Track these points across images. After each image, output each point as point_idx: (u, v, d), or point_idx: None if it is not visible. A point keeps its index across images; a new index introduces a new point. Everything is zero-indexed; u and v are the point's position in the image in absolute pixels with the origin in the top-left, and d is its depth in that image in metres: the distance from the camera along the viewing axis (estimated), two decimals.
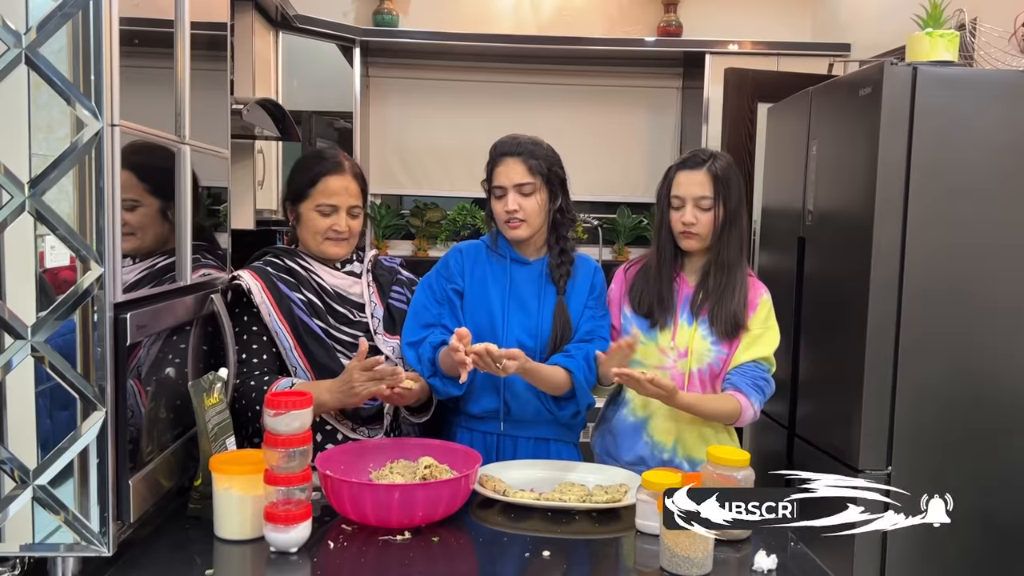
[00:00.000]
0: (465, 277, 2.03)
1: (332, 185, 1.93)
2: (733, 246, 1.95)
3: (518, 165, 1.95)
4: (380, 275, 2.07)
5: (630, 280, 2.05)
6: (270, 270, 1.93)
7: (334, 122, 4.23)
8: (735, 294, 1.94)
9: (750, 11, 4.37)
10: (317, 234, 1.94)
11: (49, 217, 1.27)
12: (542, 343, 1.98)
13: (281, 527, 1.43)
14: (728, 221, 1.94)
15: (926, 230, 2.35)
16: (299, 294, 1.91)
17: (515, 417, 1.98)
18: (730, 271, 1.95)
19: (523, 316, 1.99)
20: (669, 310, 1.97)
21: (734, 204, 1.94)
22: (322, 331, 1.90)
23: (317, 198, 1.93)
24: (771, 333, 1.97)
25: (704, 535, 1.37)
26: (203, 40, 1.70)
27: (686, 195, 1.94)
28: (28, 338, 1.27)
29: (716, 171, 1.93)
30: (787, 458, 2.88)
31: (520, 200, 1.95)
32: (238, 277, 1.88)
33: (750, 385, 1.93)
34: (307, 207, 1.94)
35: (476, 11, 4.37)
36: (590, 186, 4.36)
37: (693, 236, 1.95)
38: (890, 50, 3.34)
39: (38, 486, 1.29)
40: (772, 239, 3.17)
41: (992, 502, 2.40)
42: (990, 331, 2.38)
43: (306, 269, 1.96)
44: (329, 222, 1.93)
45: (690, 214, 1.94)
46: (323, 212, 1.93)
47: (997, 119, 2.35)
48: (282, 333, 1.87)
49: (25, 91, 1.26)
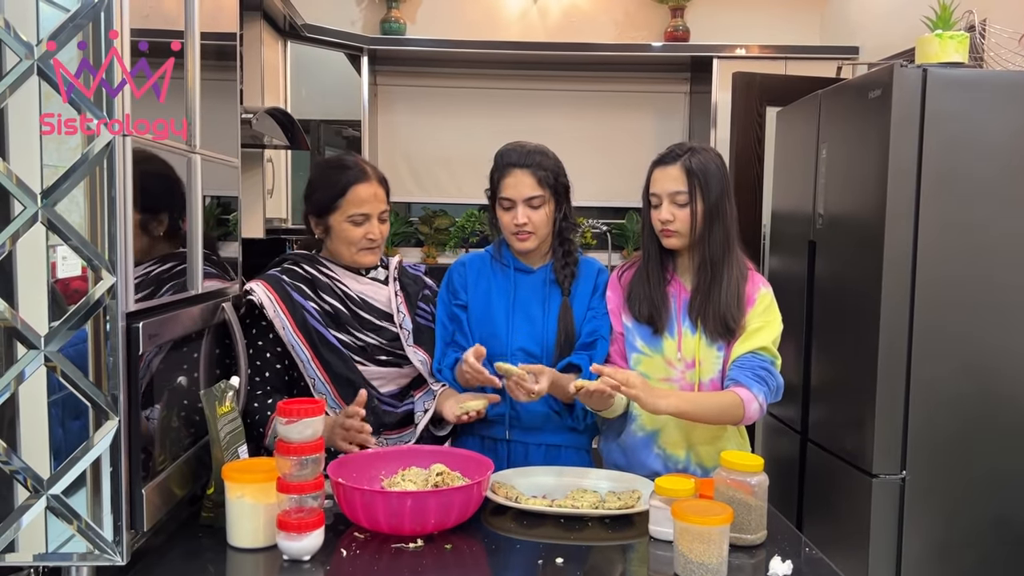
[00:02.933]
0: (468, 290, 2.03)
1: (361, 193, 1.90)
2: (717, 242, 1.86)
3: (527, 177, 1.93)
4: (407, 284, 2.06)
5: (626, 286, 1.98)
6: (285, 279, 1.91)
7: (342, 130, 4.24)
8: (723, 293, 1.85)
9: (757, 15, 4.37)
10: (352, 244, 1.92)
11: (61, 227, 1.27)
12: (547, 350, 1.98)
13: (294, 535, 1.43)
14: (709, 216, 1.84)
15: (938, 233, 2.33)
16: (314, 303, 1.90)
17: (525, 423, 1.98)
18: (715, 268, 1.86)
19: (528, 325, 1.99)
20: (666, 314, 1.90)
21: (714, 198, 1.84)
22: (339, 342, 1.89)
23: (348, 209, 1.89)
24: (770, 326, 1.88)
25: (719, 540, 1.36)
26: (212, 50, 1.70)
27: (661, 191, 1.87)
28: (41, 348, 1.27)
29: (690, 165, 1.84)
30: (800, 463, 2.87)
31: (529, 213, 1.93)
32: (251, 291, 1.87)
33: (750, 376, 1.81)
34: (338, 219, 1.90)
35: (483, 18, 4.38)
36: (599, 192, 4.36)
37: (672, 234, 1.87)
38: (899, 52, 3.34)
39: (52, 495, 1.29)
40: (782, 243, 3.16)
41: (1009, 508, 2.38)
42: (1003, 334, 2.36)
43: (329, 276, 1.94)
44: (363, 231, 1.91)
45: (666, 211, 1.86)
46: (356, 222, 1.90)
47: (1008, 120, 2.33)
48: (298, 346, 1.86)
49: (36, 102, 1.27)
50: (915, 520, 2.37)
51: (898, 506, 2.37)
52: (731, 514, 1.41)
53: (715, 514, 1.39)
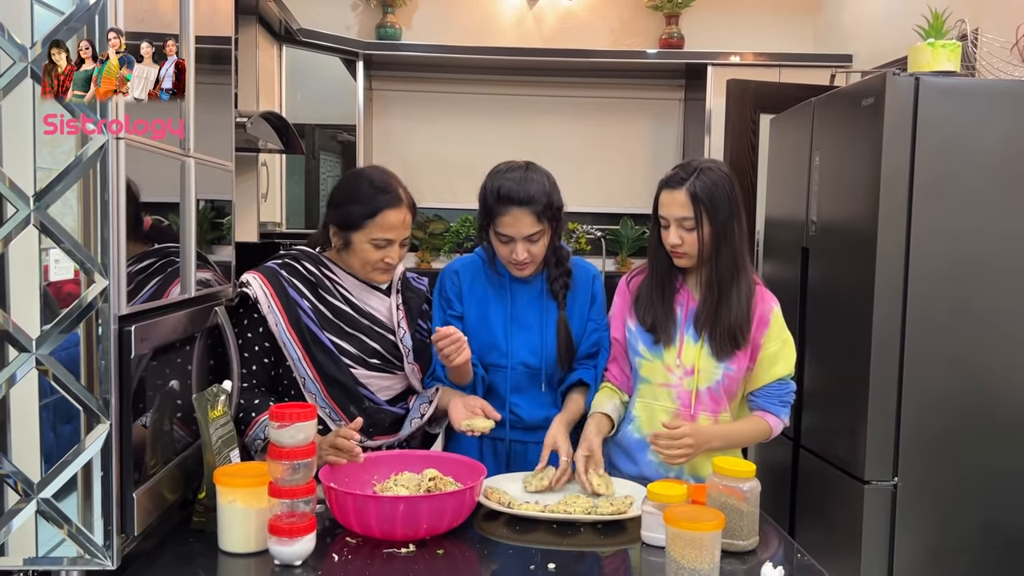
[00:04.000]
0: (463, 300, 2.01)
1: (390, 219, 1.85)
2: (724, 263, 1.87)
3: (526, 216, 1.88)
4: (409, 298, 2.02)
5: (634, 291, 2.00)
6: (283, 273, 1.89)
7: (337, 135, 4.25)
8: (732, 311, 1.87)
9: (751, 23, 4.39)
10: (367, 264, 1.89)
11: (54, 230, 1.27)
12: (547, 362, 1.99)
13: (285, 540, 1.43)
14: (716, 239, 1.85)
15: (930, 240, 2.34)
16: (309, 301, 1.88)
17: (527, 423, 1.98)
18: (723, 288, 1.88)
19: (526, 335, 1.99)
20: (671, 328, 1.93)
21: (722, 220, 1.84)
22: (332, 343, 1.87)
23: (373, 231, 1.85)
24: (788, 347, 1.94)
25: (711, 546, 1.36)
26: (207, 54, 1.70)
27: (669, 216, 1.87)
28: (33, 351, 1.27)
29: (695, 190, 1.82)
30: (793, 470, 2.87)
31: (529, 247, 1.91)
32: (246, 284, 1.86)
33: (777, 404, 1.92)
34: (360, 238, 1.86)
35: (479, 24, 4.39)
36: (593, 197, 4.37)
37: (682, 255, 1.89)
38: (892, 61, 3.36)
39: (42, 499, 1.29)
40: (776, 249, 3.17)
41: (999, 513, 2.39)
42: (996, 341, 2.38)
43: (331, 279, 1.92)
44: (382, 254, 1.87)
45: (675, 235, 1.86)
46: (378, 245, 1.86)
47: (1000, 128, 2.35)
48: (290, 344, 1.85)
49: (30, 104, 1.26)
50: (907, 526, 2.38)
51: (890, 512, 2.37)
52: (723, 520, 1.41)
53: (707, 520, 1.39)
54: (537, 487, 1.79)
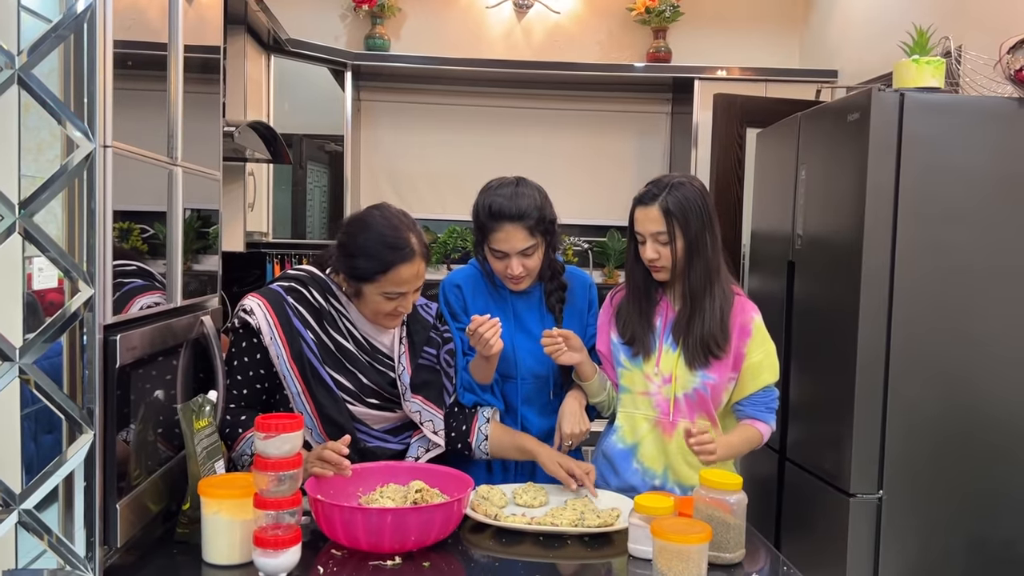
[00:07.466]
0: (469, 313, 1.99)
1: (404, 274, 1.77)
2: (697, 275, 1.90)
3: (519, 231, 1.89)
4: (415, 331, 1.94)
5: (616, 307, 2.05)
6: (289, 300, 1.82)
7: (325, 145, 4.24)
8: (705, 322, 1.91)
9: (738, 38, 4.42)
10: (377, 314, 1.82)
11: (39, 238, 1.26)
12: (554, 370, 2.02)
13: (270, 552, 1.41)
14: (689, 252, 1.89)
15: (915, 255, 2.36)
16: (313, 333, 1.82)
17: (535, 434, 1.98)
18: (696, 300, 1.91)
19: (532, 345, 2.00)
20: (649, 340, 1.97)
21: (693, 234, 1.88)
22: (332, 380, 1.82)
23: (385, 285, 1.77)
24: (772, 355, 1.98)
25: (698, 558, 1.36)
26: (196, 63, 1.70)
27: (644, 232, 1.91)
28: (16, 360, 1.25)
29: (667, 206, 1.87)
30: (778, 482, 2.88)
31: (523, 261, 1.93)
32: (250, 312, 1.80)
33: (764, 411, 1.97)
34: (371, 290, 1.79)
35: (467, 36, 4.41)
36: (580, 210, 4.37)
37: (660, 269, 1.93)
38: (877, 76, 3.39)
39: (23, 510, 1.27)
40: (762, 263, 3.18)
41: (985, 526, 2.40)
42: (980, 355, 2.39)
43: (338, 310, 1.86)
44: (393, 305, 1.80)
45: (651, 250, 1.90)
46: (390, 297, 1.79)
47: (984, 144, 2.37)
48: (291, 377, 1.80)
49: (15, 113, 1.26)
50: (892, 539, 2.38)
51: (875, 525, 2.38)
52: (710, 532, 1.42)
53: (694, 532, 1.39)
54: (528, 503, 1.79)
